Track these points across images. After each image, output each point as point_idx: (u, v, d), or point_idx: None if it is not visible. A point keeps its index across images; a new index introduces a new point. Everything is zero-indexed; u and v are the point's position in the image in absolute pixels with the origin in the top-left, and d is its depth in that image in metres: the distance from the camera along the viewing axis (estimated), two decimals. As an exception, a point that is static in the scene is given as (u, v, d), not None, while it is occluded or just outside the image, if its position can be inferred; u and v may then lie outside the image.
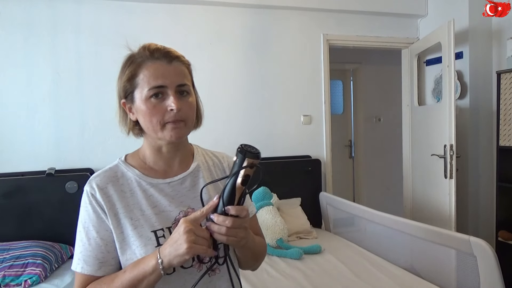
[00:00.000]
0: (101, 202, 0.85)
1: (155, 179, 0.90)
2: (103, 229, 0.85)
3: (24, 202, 2.56)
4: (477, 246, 1.79)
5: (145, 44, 0.88)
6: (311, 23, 3.37)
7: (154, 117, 0.84)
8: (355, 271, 2.21)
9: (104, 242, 0.84)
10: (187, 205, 0.90)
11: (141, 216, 0.86)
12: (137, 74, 0.85)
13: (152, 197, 0.88)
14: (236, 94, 3.19)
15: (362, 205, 2.80)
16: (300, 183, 3.22)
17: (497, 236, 2.85)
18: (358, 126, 5.02)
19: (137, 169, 0.91)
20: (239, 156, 0.77)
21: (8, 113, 2.74)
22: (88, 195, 0.86)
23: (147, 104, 0.84)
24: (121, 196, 0.87)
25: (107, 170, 0.90)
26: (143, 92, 0.84)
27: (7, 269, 2.12)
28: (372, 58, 4.75)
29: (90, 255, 0.84)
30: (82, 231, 0.86)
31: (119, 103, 0.90)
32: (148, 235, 0.84)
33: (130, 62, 0.87)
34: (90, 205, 0.86)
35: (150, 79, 0.84)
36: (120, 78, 0.88)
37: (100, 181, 0.88)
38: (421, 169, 3.34)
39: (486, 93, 3.21)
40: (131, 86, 0.86)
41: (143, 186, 0.89)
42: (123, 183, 0.88)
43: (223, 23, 3.16)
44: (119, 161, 0.93)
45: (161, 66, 0.85)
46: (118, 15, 2.93)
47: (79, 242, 0.86)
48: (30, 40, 2.76)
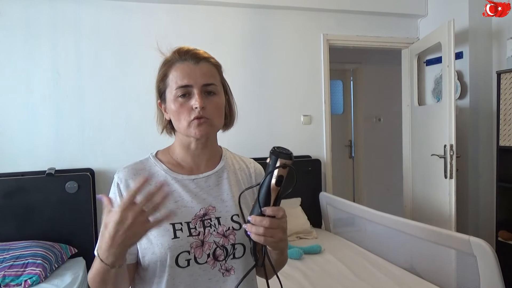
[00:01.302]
0: (125, 192, 0.89)
1: (181, 175, 0.94)
2: None
3: (24, 202, 2.56)
4: (477, 246, 1.79)
5: (178, 47, 0.93)
6: (311, 23, 3.37)
7: (181, 115, 0.89)
8: (355, 271, 2.21)
9: None
10: (208, 203, 0.92)
11: (162, 209, 0.87)
12: (167, 75, 0.91)
13: (175, 191, 0.91)
14: (236, 94, 3.17)
15: (362, 205, 2.80)
16: (300, 183, 3.21)
17: (497, 236, 2.85)
18: (358, 126, 5.02)
19: (165, 164, 0.95)
20: (272, 158, 0.79)
21: (8, 113, 2.74)
22: (115, 185, 0.91)
23: (175, 103, 0.89)
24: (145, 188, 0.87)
25: (137, 162, 0.95)
26: (172, 92, 0.89)
27: (7, 269, 2.12)
28: (372, 58, 4.75)
29: None
30: None
31: (157, 104, 0.97)
32: (166, 227, 0.86)
33: (163, 64, 0.93)
34: (114, 195, 0.90)
35: (178, 79, 0.89)
36: (156, 80, 0.95)
37: (128, 172, 0.92)
38: (421, 169, 3.34)
39: (486, 93, 3.21)
40: (163, 87, 0.93)
41: (168, 181, 0.92)
42: (150, 176, 0.92)
43: (223, 23, 3.16)
44: (150, 156, 0.97)
45: (188, 67, 0.89)
46: (118, 15, 2.93)
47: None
48: (30, 40, 2.76)
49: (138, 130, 2.91)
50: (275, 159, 0.78)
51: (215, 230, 0.90)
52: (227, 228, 0.91)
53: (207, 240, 0.88)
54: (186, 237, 0.86)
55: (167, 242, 0.85)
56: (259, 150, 3.24)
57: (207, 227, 0.89)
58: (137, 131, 2.91)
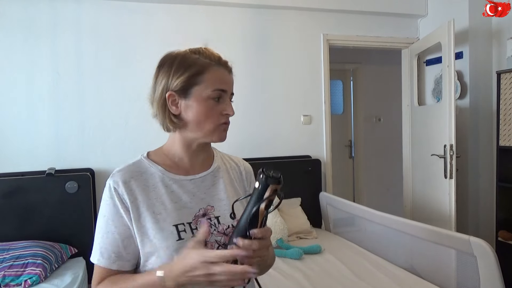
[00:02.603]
0: (124, 196, 0.87)
1: (178, 175, 0.93)
2: (121, 224, 0.87)
3: (24, 202, 2.56)
4: (477, 246, 1.79)
5: (208, 49, 0.93)
6: (311, 23, 3.37)
7: (211, 117, 0.90)
8: (355, 271, 2.21)
9: (121, 237, 0.86)
10: (207, 203, 0.93)
11: (163, 210, 0.88)
12: (204, 72, 0.89)
13: (174, 192, 0.91)
14: (236, 94, 3.18)
15: (362, 205, 2.80)
16: (300, 183, 3.22)
17: (497, 236, 2.85)
18: (358, 126, 5.02)
19: (160, 165, 0.93)
20: (261, 182, 0.76)
21: (8, 113, 2.74)
22: (111, 189, 0.88)
23: (207, 103, 0.89)
24: (144, 190, 0.89)
25: (130, 165, 0.93)
26: (205, 91, 0.89)
27: (7, 269, 2.12)
28: (372, 58, 4.75)
29: (106, 248, 0.86)
30: (101, 224, 0.88)
31: (165, 95, 0.89)
32: (170, 229, 0.86)
33: (195, 60, 0.90)
34: (111, 199, 0.87)
35: (216, 82, 0.90)
36: (174, 71, 0.89)
37: (124, 175, 0.89)
38: (421, 169, 3.34)
39: (486, 93, 3.21)
40: (194, 82, 0.89)
41: (165, 182, 0.91)
42: (146, 178, 0.91)
43: (223, 23, 3.16)
44: (141, 157, 0.95)
45: (224, 73, 0.92)
46: (118, 15, 2.93)
47: (98, 233, 0.88)
48: (30, 40, 2.76)
49: (138, 130, 2.91)
50: (264, 184, 0.76)
51: (215, 229, 0.91)
52: (227, 226, 0.93)
53: (209, 239, 0.89)
54: (190, 238, 0.86)
55: (173, 244, 0.85)
56: (259, 150, 3.25)
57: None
58: (137, 131, 2.91)
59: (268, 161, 3.21)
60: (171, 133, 0.96)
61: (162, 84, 0.90)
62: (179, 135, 0.94)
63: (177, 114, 0.91)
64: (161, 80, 0.90)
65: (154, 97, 0.92)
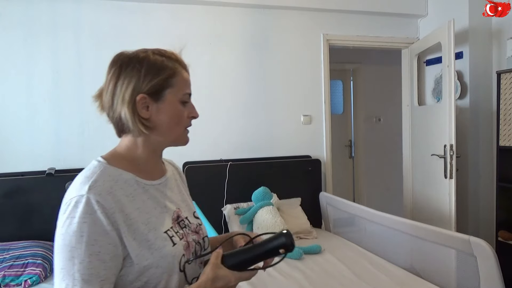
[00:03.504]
0: (110, 209, 0.77)
1: (148, 181, 0.89)
2: (107, 243, 0.76)
3: (24, 202, 2.56)
4: (477, 246, 1.79)
5: (176, 52, 0.93)
6: (311, 23, 3.37)
7: (182, 121, 0.90)
8: (355, 271, 2.21)
9: (108, 257, 0.76)
10: (176, 205, 0.94)
11: (151, 219, 0.84)
12: (176, 75, 0.88)
13: (151, 198, 0.88)
14: (236, 94, 3.19)
15: (362, 205, 2.80)
16: (300, 183, 3.22)
17: (497, 236, 2.85)
18: (358, 126, 5.02)
19: (128, 171, 0.86)
20: (280, 243, 0.83)
21: (8, 113, 2.74)
22: (90, 204, 0.75)
23: (178, 107, 0.89)
24: (126, 201, 0.81)
25: (100, 174, 0.81)
26: (177, 95, 0.88)
27: (7, 269, 2.12)
28: (372, 58, 4.75)
29: (91, 274, 0.74)
30: (79, 247, 0.74)
31: (134, 97, 0.85)
32: (162, 236, 0.84)
33: (164, 62, 0.88)
34: (90, 216, 0.75)
35: (186, 85, 0.90)
36: (145, 73, 0.85)
37: (103, 186, 0.79)
38: (421, 169, 3.34)
39: (486, 93, 3.21)
40: (166, 84, 0.87)
41: (141, 188, 0.86)
42: (123, 187, 0.82)
43: (223, 23, 3.16)
44: (102, 164, 0.84)
45: (188, 76, 0.92)
46: (118, 15, 2.93)
47: (72, 260, 0.74)
48: (30, 40, 2.76)
49: (138, 130, 2.91)
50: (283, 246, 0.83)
51: (189, 229, 0.93)
52: (196, 225, 0.96)
53: (189, 240, 0.90)
54: (179, 241, 0.87)
55: (170, 251, 0.83)
56: (259, 150, 3.25)
57: (183, 227, 0.91)
58: (137, 131, 2.91)
59: (268, 161, 3.21)
60: (129, 137, 0.89)
61: (131, 86, 0.84)
62: (145, 139, 0.88)
63: (146, 118, 0.86)
64: (128, 81, 0.85)
65: (120, 99, 0.85)
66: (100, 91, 0.92)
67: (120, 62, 0.88)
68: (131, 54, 0.89)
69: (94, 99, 0.93)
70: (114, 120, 0.89)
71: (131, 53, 0.89)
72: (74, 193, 0.78)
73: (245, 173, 3.07)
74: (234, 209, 2.89)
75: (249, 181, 3.02)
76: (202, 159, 3.05)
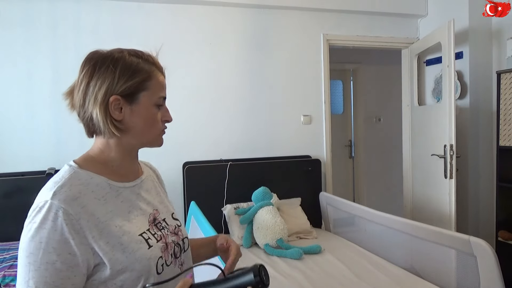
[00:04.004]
0: (75, 215, 0.74)
1: (122, 183, 0.87)
2: (65, 252, 0.73)
3: (24, 202, 2.54)
4: (477, 246, 1.79)
5: (152, 54, 0.91)
6: (311, 23, 3.37)
7: (156, 124, 0.88)
8: (355, 271, 2.21)
9: (65, 267, 0.73)
10: (153, 207, 0.92)
11: (124, 222, 0.82)
12: (151, 78, 0.87)
13: (125, 201, 0.86)
14: (236, 94, 3.19)
15: (362, 205, 2.80)
16: (300, 183, 3.22)
17: (497, 236, 2.85)
18: (358, 126, 5.02)
19: (100, 174, 0.84)
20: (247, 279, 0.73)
21: (8, 113, 2.74)
22: (52, 211, 0.73)
23: (152, 110, 0.87)
24: (96, 204, 0.79)
25: (69, 178, 0.79)
26: (152, 98, 0.87)
27: (7, 269, 2.13)
28: (372, 58, 4.75)
29: (46, 282, 0.71)
30: (37, 254, 0.72)
31: (106, 98, 0.83)
32: (137, 239, 0.82)
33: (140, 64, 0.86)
34: (52, 223, 0.72)
35: (161, 89, 0.88)
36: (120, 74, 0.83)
37: (71, 191, 0.76)
38: (421, 169, 3.34)
39: (486, 93, 3.21)
40: (141, 87, 0.85)
41: (114, 191, 0.84)
42: (94, 190, 0.80)
43: (223, 23, 3.16)
44: (73, 168, 0.82)
45: (163, 80, 0.90)
46: (118, 15, 2.93)
47: (29, 266, 0.72)
48: (30, 39, 2.76)
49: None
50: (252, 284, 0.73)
51: (168, 230, 0.91)
52: (174, 226, 0.95)
53: (168, 241, 0.89)
54: (156, 244, 0.85)
55: (146, 254, 0.81)
56: (259, 150, 3.25)
57: (161, 229, 0.90)
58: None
59: (268, 161, 3.21)
60: (101, 139, 0.88)
61: (104, 87, 0.82)
62: (117, 141, 0.87)
63: (119, 120, 0.84)
64: (101, 82, 0.82)
65: (93, 99, 0.83)
66: (71, 88, 0.89)
67: (94, 61, 0.84)
68: (106, 53, 0.86)
69: (65, 97, 0.90)
70: (84, 120, 0.88)
71: (106, 52, 0.86)
72: (40, 198, 0.76)
73: (245, 173, 3.07)
74: (234, 209, 2.89)
75: (249, 181, 3.02)
76: (202, 159, 3.05)
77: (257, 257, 2.51)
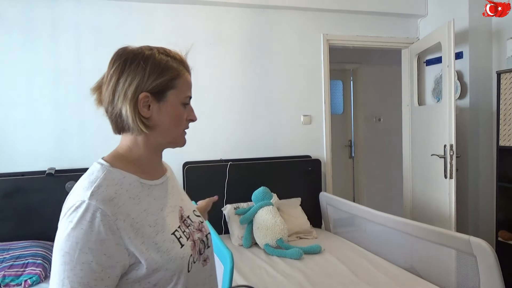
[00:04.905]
0: (112, 215, 0.74)
1: (152, 181, 0.87)
2: (101, 253, 0.73)
3: (24, 202, 2.56)
4: (477, 246, 1.79)
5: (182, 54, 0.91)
6: (311, 23, 3.37)
7: (181, 123, 0.89)
8: (355, 271, 2.21)
9: (100, 268, 0.73)
10: (178, 204, 0.93)
11: (158, 221, 0.82)
12: (180, 77, 0.87)
13: (156, 199, 0.86)
14: (236, 94, 3.19)
15: (362, 205, 2.80)
16: (300, 183, 3.22)
17: (497, 236, 2.85)
18: (358, 126, 5.02)
19: (132, 173, 0.84)
20: None
21: (8, 113, 2.74)
22: (89, 211, 0.73)
23: (180, 109, 0.88)
24: (131, 204, 0.79)
25: (104, 178, 0.79)
26: (180, 96, 0.87)
27: (7, 269, 2.12)
28: (372, 58, 4.75)
29: (80, 282, 0.71)
30: (73, 254, 0.72)
31: (137, 96, 0.82)
32: (170, 238, 0.82)
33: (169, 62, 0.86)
34: (89, 223, 0.72)
35: (188, 88, 0.89)
36: (150, 72, 0.83)
37: (107, 192, 0.76)
38: (421, 169, 3.34)
39: (486, 93, 3.21)
40: (170, 85, 0.85)
41: (145, 190, 0.84)
42: (128, 190, 0.80)
43: (223, 23, 3.16)
44: (106, 167, 0.82)
45: (190, 79, 0.91)
46: (118, 15, 2.93)
47: (64, 266, 0.72)
48: (30, 40, 2.76)
49: (138, 130, 2.90)
50: None
51: (193, 227, 0.92)
52: (198, 223, 0.96)
53: (194, 238, 0.90)
54: (187, 242, 0.86)
55: (179, 253, 0.82)
56: (259, 150, 3.25)
57: (188, 226, 0.91)
58: (137, 131, 2.91)
59: (268, 161, 3.21)
60: (129, 136, 0.87)
61: (135, 83, 0.82)
62: (145, 139, 0.87)
63: (147, 117, 0.84)
64: (131, 78, 0.82)
65: (122, 95, 0.82)
66: (99, 84, 0.89)
67: (124, 57, 0.85)
68: (136, 50, 0.86)
69: (92, 92, 0.89)
70: (112, 116, 0.86)
71: (136, 48, 0.87)
72: (76, 198, 0.76)
73: (245, 173, 3.07)
74: (234, 209, 2.89)
75: (249, 181, 3.02)
76: (202, 159, 3.05)
77: (257, 257, 2.51)
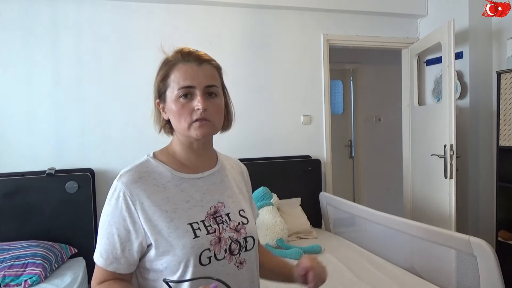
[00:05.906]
0: (131, 198, 0.86)
1: (187, 174, 0.94)
2: (122, 227, 0.86)
3: (24, 202, 2.56)
4: (477, 246, 1.79)
5: (179, 48, 0.94)
6: (311, 23, 3.37)
7: (182, 116, 0.89)
8: (355, 271, 2.21)
9: (120, 240, 0.86)
10: (217, 200, 0.95)
11: (176, 209, 0.88)
12: (169, 75, 0.91)
13: (185, 191, 0.91)
14: (235, 94, 3.16)
15: (362, 205, 2.80)
16: (300, 183, 3.22)
17: (497, 236, 2.85)
18: (358, 126, 5.02)
19: (168, 165, 0.93)
20: None
21: (8, 113, 2.74)
22: (116, 191, 0.87)
23: (176, 103, 0.90)
24: (154, 190, 0.89)
25: (138, 165, 0.92)
26: (173, 92, 0.90)
27: (7, 269, 2.12)
28: (372, 58, 4.75)
29: (106, 249, 0.87)
30: (104, 224, 0.88)
31: (155, 103, 0.95)
32: (185, 227, 0.87)
33: (165, 64, 0.93)
34: (116, 201, 0.87)
35: (180, 80, 0.89)
36: (155, 79, 0.94)
37: (133, 176, 0.89)
38: (421, 169, 3.34)
39: (486, 93, 3.21)
40: (164, 87, 0.92)
41: (175, 181, 0.92)
42: (156, 178, 0.90)
43: (223, 23, 3.16)
44: (148, 158, 0.95)
45: (191, 68, 0.90)
46: (118, 15, 2.93)
47: (99, 233, 0.89)
48: (30, 40, 2.76)
49: (138, 130, 2.91)
50: None
51: (227, 225, 0.92)
52: (238, 223, 0.95)
53: (223, 236, 0.90)
54: (205, 235, 0.88)
55: (189, 242, 0.86)
56: (259, 150, 3.25)
57: (220, 223, 0.92)
58: (137, 131, 2.91)
59: (268, 161, 3.21)
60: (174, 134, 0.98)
61: (154, 93, 0.95)
62: (177, 138, 0.96)
63: (166, 119, 0.95)
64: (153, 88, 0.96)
65: (153, 104, 0.97)
66: None
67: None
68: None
69: None
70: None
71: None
72: (115, 180, 0.90)
73: (245, 173, 3.06)
74: (234, 209, 2.89)
75: (249, 181, 3.02)
76: (202, 159, 3.04)
77: (257, 257, 2.51)
